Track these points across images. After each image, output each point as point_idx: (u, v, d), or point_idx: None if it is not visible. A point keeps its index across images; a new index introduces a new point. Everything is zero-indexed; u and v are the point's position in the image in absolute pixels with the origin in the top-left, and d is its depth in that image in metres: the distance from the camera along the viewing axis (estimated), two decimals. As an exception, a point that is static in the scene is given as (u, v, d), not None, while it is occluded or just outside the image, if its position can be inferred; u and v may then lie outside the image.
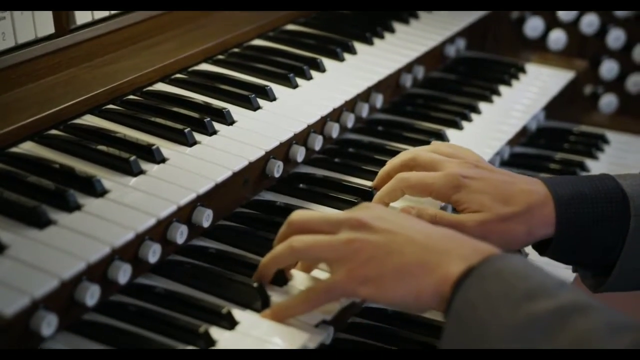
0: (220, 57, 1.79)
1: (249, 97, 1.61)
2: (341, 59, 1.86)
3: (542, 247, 1.47)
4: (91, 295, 1.22)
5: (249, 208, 1.55)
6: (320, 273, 1.35)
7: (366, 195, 1.58)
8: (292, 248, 1.28)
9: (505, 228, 1.42)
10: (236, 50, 1.83)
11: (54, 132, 1.44)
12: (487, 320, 1.10)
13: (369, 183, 1.61)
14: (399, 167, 1.54)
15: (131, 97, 1.58)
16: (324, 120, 1.71)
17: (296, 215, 1.32)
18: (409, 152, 1.57)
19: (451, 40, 2.20)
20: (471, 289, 1.14)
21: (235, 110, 1.59)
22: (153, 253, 1.32)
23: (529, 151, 2.13)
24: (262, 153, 1.50)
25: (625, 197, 1.42)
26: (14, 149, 1.38)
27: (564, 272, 1.61)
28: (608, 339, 1.05)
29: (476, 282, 1.14)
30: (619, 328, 1.07)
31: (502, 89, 2.10)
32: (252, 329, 1.27)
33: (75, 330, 1.23)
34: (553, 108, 2.23)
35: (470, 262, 1.17)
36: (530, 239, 1.44)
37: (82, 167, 1.36)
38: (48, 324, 1.15)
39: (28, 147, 1.40)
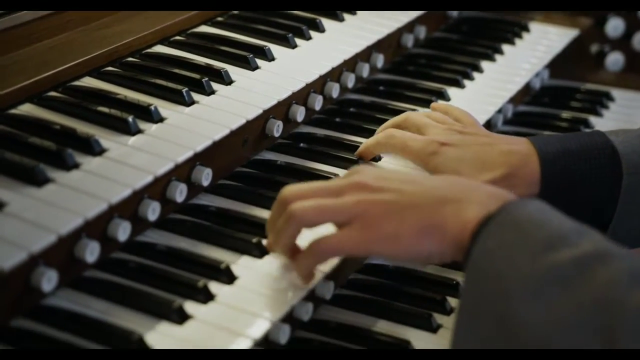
0: (220, 19, 1.79)
1: (247, 58, 1.61)
2: (341, 19, 1.86)
3: None
4: (91, 252, 1.23)
5: (249, 167, 1.56)
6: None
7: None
8: (294, 217, 1.21)
9: None
10: (235, 12, 1.82)
11: (52, 94, 1.45)
12: (504, 272, 1.07)
13: (370, 141, 1.62)
14: (390, 126, 1.57)
15: (130, 59, 1.59)
16: (323, 80, 1.71)
17: (287, 190, 1.24)
18: (402, 114, 1.59)
19: (453, 0, 2.18)
20: (489, 239, 1.11)
21: (233, 71, 1.59)
22: (152, 211, 1.33)
23: (532, 109, 2.13)
24: (260, 112, 1.50)
25: (615, 153, 1.39)
26: (13, 111, 1.39)
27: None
28: (629, 289, 1.02)
29: (494, 231, 1.11)
30: None
31: (505, 47, 2.09)
32: (250, 283, 1.28)
33: (76, 287, 1.25)
34: (558, 67, 2.22)
35: (488, 208, 1.14)
36: None
37: (81, 127, 1.37)
38: (48, 279, 1.17)
39: (27, 109, 1.40)
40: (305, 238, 1.25)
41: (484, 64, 2.00)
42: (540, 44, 2.16)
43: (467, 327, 1.10)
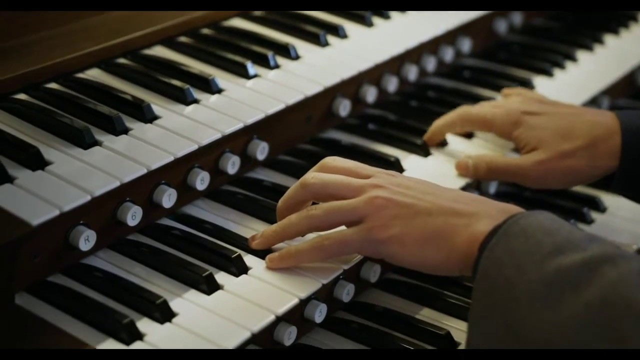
0: (304, -4, 1.78)
1: (319, 35, 1.60)
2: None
3: (608, 182, 1.41)
4: (133, 216, 1.26)
5: (311, 144, 1.55)
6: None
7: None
8: (311, 217, 1.22)
9: (567, 164, 1.38)
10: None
11: (121, 60, 1.48)
12: (513, 279, 1.06)
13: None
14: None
15: (205, 31, 1.60)
16: (399, 62, 1.68)
17: (312, 177, 1.25)
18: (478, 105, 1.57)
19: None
20: (497, 248, 1.09)
21: (304, 47, 1.58)
22: (201, 181, 1.34)
23: (635, 104, 2.01)
24: (320, 89, 1.49)
25: None
26: (80, 75, 1.43)
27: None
28: (638, 288, 0.99)
29: (501, 241, 1.10)
30: None
31: (608, 37, 1.99)
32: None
33: (117, 249, 1.28)
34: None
35: (497, 221, 1.13)
36: (596, 172, 1.40)
37: (139, 94, 1.39)
38: (86, 239, 1.20)
39: (93, 74, 1.44)
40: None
41: (580, 54, 1.91)
42: (648, 35, 2.04)
43: (478, 335, 1.08)
